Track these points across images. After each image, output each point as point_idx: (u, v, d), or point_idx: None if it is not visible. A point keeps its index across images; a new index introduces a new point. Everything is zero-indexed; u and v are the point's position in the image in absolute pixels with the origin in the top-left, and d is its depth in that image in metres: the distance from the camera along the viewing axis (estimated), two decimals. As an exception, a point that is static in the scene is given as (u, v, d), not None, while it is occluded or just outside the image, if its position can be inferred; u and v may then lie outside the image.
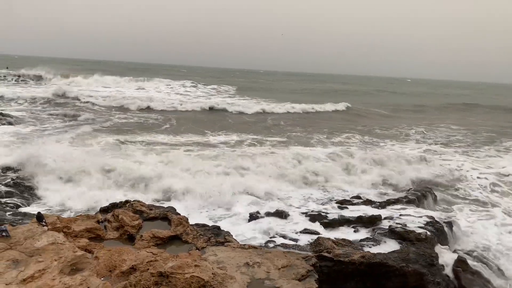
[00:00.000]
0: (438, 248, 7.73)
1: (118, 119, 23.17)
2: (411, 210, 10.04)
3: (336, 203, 10.84)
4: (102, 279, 4.63)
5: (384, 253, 7.01)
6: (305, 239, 7.78)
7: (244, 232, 8.51)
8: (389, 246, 7.62)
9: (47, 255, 4.67)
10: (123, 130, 19.77)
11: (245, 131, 21.95)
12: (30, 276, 4.25)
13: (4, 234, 4.90)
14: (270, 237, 8.05)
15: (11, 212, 8.54)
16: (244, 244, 6.34)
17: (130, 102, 29.73)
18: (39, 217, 5.56)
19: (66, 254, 4.74)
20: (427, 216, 9.22)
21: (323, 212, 9.75)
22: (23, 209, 9.09)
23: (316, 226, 8.99)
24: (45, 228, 5.39)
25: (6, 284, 4.11)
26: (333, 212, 9.84)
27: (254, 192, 11.42)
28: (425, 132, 26.12)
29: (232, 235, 6.89)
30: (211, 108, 31.23)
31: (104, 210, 7.30)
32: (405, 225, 8.50)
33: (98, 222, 6.47)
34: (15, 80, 41.92)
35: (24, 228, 5.24)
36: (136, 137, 17.86)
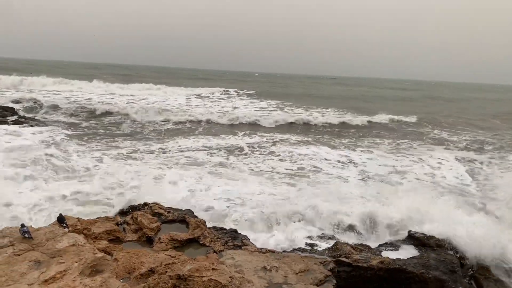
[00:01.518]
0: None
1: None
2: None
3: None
4: (121, 281, 4.68)
5: (403, 259, 6.88)
6: (323, 244, 7.71)
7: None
8: (409, 252, 7.47)
9: (68, 256, 4.75)
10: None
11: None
12: (52, 277, 4.33)
13: (26, 235, 5.00)
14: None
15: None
16: (261, 248, 6.33)
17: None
18: (60, 219, 5.66)
19: (86, 255, 4.81)
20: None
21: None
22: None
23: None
24: (66, 229, 5.48)
25: (29, 285, 4.19)
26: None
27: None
28: None
29: (249, 239, 6.88)
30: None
31: (123, 213, 7.38)
32: (424, 230, 8.33)
33: (117, 224, 6.55)
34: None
35: (46, 230, 5.35)
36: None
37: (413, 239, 7.94)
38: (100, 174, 11.68)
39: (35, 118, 22.01)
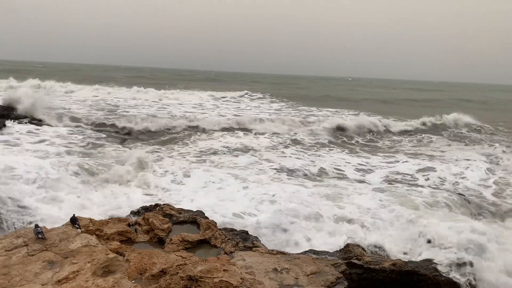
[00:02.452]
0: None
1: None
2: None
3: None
4: (133, 281, 4.71)
5: (416, 261, 6.82)
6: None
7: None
8: (422, 253, 7.41)
9: (80, 257, 4.80)
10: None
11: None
12: (65, 277, 4.38)
13: (40, 236, 5.07)
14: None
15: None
16: (272, 250, 6.32)
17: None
18: (73, 220, 5.72)
19: (98, 256, 4.86)
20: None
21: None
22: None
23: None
24: (79, 230, 5.54)
25: (42, 285, 4.24)
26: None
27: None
28: None
29: (260, 240, 6.88)
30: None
31: (135, 213, 7.44)
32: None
33: (129, 225, 6.60)
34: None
35: (59, 230, 5.41)
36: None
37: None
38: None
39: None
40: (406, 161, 16.93)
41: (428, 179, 14.20)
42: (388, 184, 13.00)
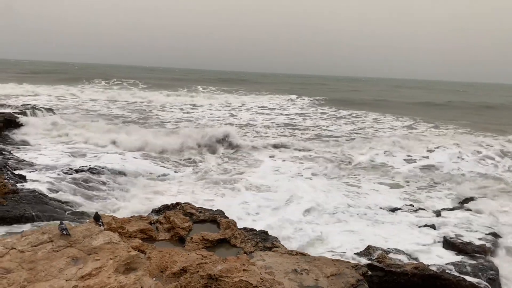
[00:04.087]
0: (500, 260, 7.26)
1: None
2: (467, 219, 9.52)
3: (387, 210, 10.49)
4: (154, 279, 4.77)
5: (438, 265, 6.69)
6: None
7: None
8: (445, 257, 7.26)
9: (103, 253, 4.89)
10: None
11: None
12: (88, 273, 4.46)
13: (64, 232, 5.19)
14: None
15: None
16: (292, 250, 6.29)
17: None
18: (97, 217, 5.84)
19: (121, 253, 4.93)
20: (486, 226, 8.70)
21: (373, 220, 9.47)
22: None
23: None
24: (102, 228, 5.64)
25: (66, 280, 4.33)
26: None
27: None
28: None
29: (279, 241, 6.86)
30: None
31: (156, 212, 7.53)
32: (462, 235, 8.07)
33: (150, 223, 6.68)
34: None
35: (83, 227, 5.52)
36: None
37: (449, 243, 7.71)
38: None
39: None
40: None
41: None
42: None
